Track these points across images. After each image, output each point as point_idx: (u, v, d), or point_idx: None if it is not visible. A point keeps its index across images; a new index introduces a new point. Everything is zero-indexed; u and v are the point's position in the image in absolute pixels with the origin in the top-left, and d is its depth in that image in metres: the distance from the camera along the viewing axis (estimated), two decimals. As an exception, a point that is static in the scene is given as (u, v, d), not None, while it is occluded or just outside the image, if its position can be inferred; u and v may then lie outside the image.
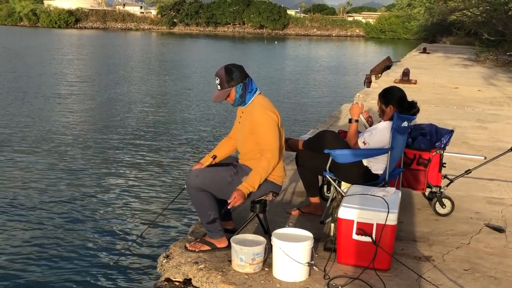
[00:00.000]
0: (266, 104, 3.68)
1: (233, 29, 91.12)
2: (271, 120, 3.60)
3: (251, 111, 3.66)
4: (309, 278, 3.35)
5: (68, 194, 7.93)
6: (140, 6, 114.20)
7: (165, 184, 8.64)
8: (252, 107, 3.68)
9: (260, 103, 3.67)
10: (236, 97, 3.66)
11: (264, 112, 3.61)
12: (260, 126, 3.59)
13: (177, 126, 13.28)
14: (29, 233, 6.50)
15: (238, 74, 3.64)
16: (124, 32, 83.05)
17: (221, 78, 3.63)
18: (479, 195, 5.22)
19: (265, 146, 3.57)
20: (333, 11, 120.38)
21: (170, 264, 3.57)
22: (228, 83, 3.62)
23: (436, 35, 46.44)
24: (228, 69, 3.64)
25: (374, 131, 4.15)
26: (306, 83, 23.64)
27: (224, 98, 3.68)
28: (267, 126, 3.58)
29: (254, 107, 3.66)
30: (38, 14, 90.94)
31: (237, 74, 3.63)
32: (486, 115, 10.11)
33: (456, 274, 3.52)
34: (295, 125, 13.65)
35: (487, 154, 5.52)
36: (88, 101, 17.04)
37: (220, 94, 3.67)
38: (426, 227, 4.33)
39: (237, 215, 4.21)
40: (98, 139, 11.58)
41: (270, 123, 3.59)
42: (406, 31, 75.81)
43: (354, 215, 3.42)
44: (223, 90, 3.65)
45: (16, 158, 9.80)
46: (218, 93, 3.68)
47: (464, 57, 25.78)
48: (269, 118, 3.60)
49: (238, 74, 3.64)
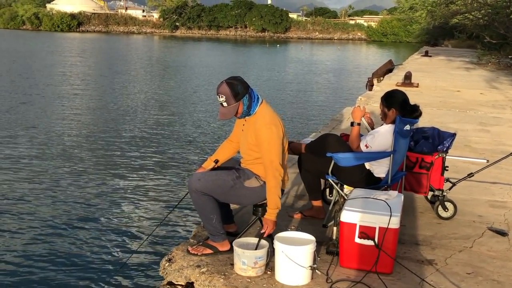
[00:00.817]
0: (269, 116, 3.63)
1: (235, 32, 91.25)
2: (274, 135, 3.56)
3: (255, 123, 3.62)
4: (311, 281, 3.35)
5: (71, 198, 7.93)
6: (142, 9, 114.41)
7: (168, 187, 8.64)
8: (256, 119, 3.63)
9: (263, 116, 3.62)
10: (244, 109, 3.60)
11: (268, 128, 3.56)
12: (265, 143, 3.56)
13: (180, 129, 13.29)
14: (28, 236, 6.50)
15: (241, 87, 3.56)
16: (126, 35, 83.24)
17: (226, 95, 3.53)
18: (481, 199, 5.21)
19: (269, 163, 3.55)
20: (335, 14, 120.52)
21: (173, 267, 3.57)
22: (235, 98, 3.53)
23: (438, 38, 46.49)
24: (231, 84, 3.54)
25: (376, 134, 4.15)
26: (308, 86, 23.64)
27: (233, 114, 3.60)
28: (271, 143, 3.55)
29: (258, 120, 3.61)
30: (40, 17, 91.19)
31: (240, 87, 3.55)
32: (489, 118, 10.10)
33: (459, 277, 3.51)
34: (297, 128, 13.65)
35: (490, 158, 5.51)
36: (93, 103, 17.07)
37: (228, 111, 3.58)
38: (428, 230, 4.32)
39: (239, 219, 4.21)
40: (100, 142, 11.59)
41: (273, 138, 3.56)
42: (408, 34, 75.75)
43: (357, 219, 3.42)
44: (231, 106, 3.56)
45: (22, 160, 9.81)
46: (225, 110, 3.58)
47: (466, 60, 25.78)
48: (272, 134, 3.56)
49: (241, 86, 3.56)
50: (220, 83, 3.58)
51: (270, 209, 3.59)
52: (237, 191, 3.64)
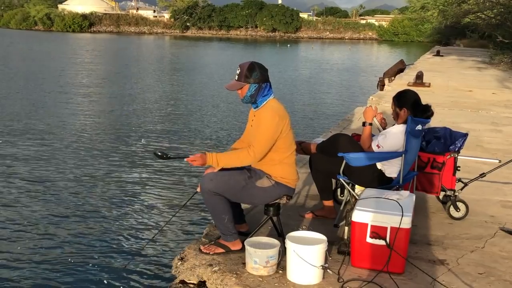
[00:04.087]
0: (278, 107, 3.69)
1: (246, 32, 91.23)
2: (274, 124, 3.60)
3: (263, 112, 3.68)
4: (323, 281, 3.36)
5: (81, 196, 7.99)
6: (153, 10, 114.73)
7: (179, 186, 8.67)
8: (264, 109, 3.69)
9: (271, 106, 3.69)
10: (247, 94, 3.67)
11: (272, 115, 3.61)
12: (263, 126, 3.61)
13: (191, 127, 13.34)
14: (41, 234, 6.56)
15: (258, 74, 3.65)
16: (138, 36, 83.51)
17: (241, 71, 3.66)
18: (493, 199, 5.19)
19: (255, 143, 3.60)
20: (346, 14, 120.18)
21: (185, 266, 3.60)
22: (244, 78, 3.64)
23: (450, 38, 46.23)
24: (252, 66, 3.66)
25: (388, 134, 4.15)
26: (319, 86, 23.60)
27: (236, 89, 3.70)
28: (268, 129, 3.59)
29: (266, 109, 3.67)
30: (52, 18, 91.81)
31: (257, 74, 3.65)
32: (501, 118, 10.04)
33: (471, 278, 3.51)
34: (308, 128, 13.63)
35: (502, 158, 5.49)
36: (103, 103, 17.17)
37: (233, 84, 3.71)
38: (440, 230, 4.32)
39: (250, 218, 4.24)
40: (111, 139, 11.66)
41: (272, 126, 3.59)
42: (419, 33, 75.44)
43: (368, 219, 3.43)
44: (237, 82, 3.67)
45: (29, 159, 9.90)
46: (232, 82, 3.72)
47: (478, 60, 25.61)
48: (274, 122, 3.59)
49: (259, 75, 3.65)
50: (248, 61, 3.72)
51: (215, 156, 3.55)
52: (249, 191, 3.66)
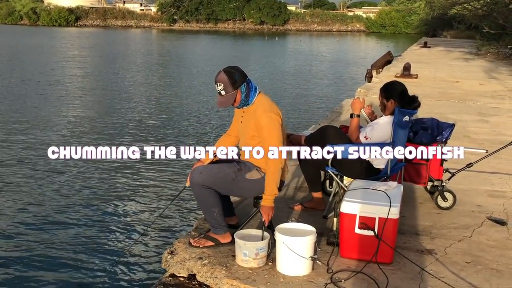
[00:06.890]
0: (268, 105, 3.67)
1: (234, 25, 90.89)
2: (275, 123, 3.60)
3: (255, 112, 3.65)
4: (312, 272, 3.38)
5: (71, 192, 7.96)
6: (140, 3, 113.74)
7: (168, 180, 8.66)
8: (255, 108, 3.66)
9: (263, 104, 3.66)
10: (242, 98, 3.63)
11: (268, 116, 3.59)
12: (265, 130, 3.59)
13: (179, 121, 13.30)
14: (33, 231, 6.53)
15: (239, 75, 3.61)
16: (125, 29, 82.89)
17: (224, 83, 3.57)
18: (481, 189, 5.24)
19: (271, 147, 3.57)
20: (333, 6, 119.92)
21: (175, 259, 3.60)
22: (233, 86, 3.58)
23: (437, 29, 46.35)
24: (229, 72, 3.60)
25: (375, 125, 4.17)
26: (307, 78, 23.62)
27: (231, 102, 3.63)
28: (271, 130, 3.58)
29: (258, 109, 3.64)
30: (38, 12, 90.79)
31: (238, 75, 3.60)
32: (488, 109, 10.12)
33: (458, 267, 3.54)
34: (296, 120, 13.67)
35: (489, 148, 5.53)
36: (92, 98, 17.07)
37: (226, 99, 3.62)
38: (428, 220, 4.36)
39: (240, 211, 4.24)
40: (99, 134, 11.60)
41: (274, 125, 3.59)
42: (406, 25, 75.49)
43: (357, 210, 3.45)
44: (229, 94, 3.60)
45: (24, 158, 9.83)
46: (223, 98, 3.63)
47: (465, 51, 25.73)
48: (273, 121, 3.59)
49: (239, 75, 3.61)
50: (218, 72, 3.63)
51: (267, 195, 3.59)
52: (238, 183, 3.67)
